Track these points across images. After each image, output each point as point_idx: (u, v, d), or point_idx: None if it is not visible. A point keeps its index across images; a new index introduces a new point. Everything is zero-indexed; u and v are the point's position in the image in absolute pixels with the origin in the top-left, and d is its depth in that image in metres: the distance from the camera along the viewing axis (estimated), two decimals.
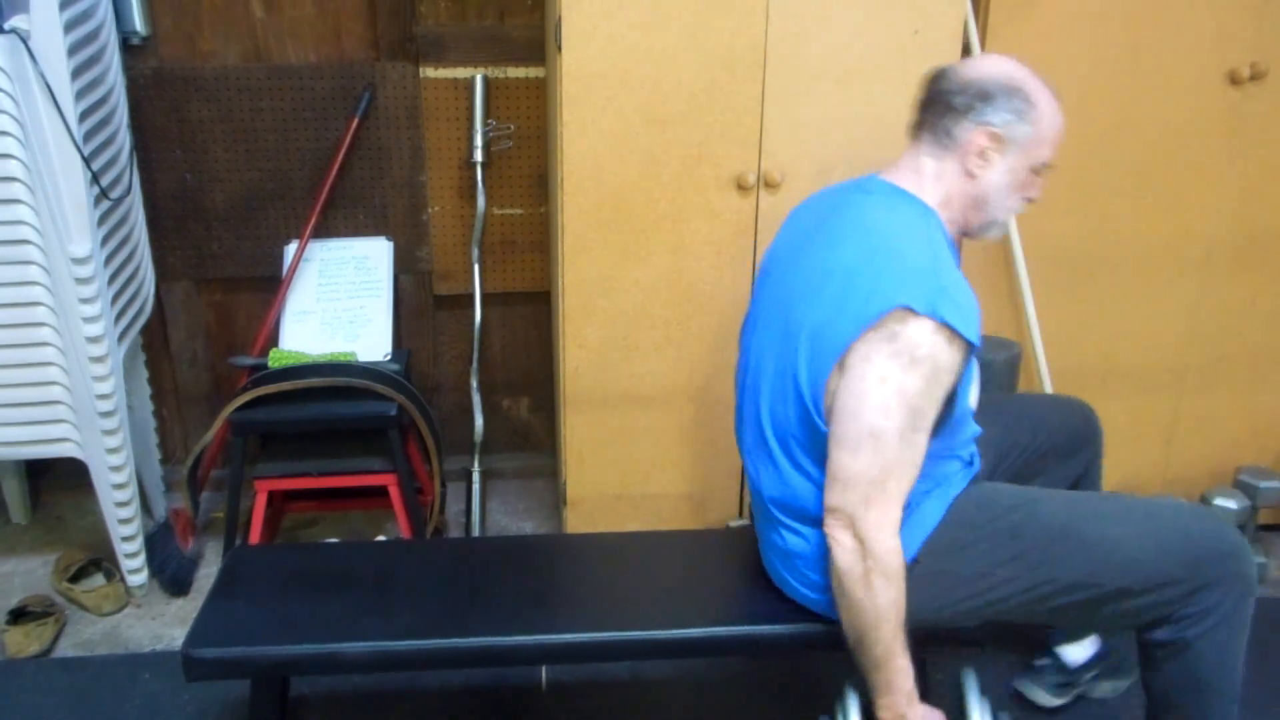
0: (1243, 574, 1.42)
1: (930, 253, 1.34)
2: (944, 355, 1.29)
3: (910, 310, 1.28)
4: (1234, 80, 2.10)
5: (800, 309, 1.39)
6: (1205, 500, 2.19)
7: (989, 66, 1.41)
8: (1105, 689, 1.86)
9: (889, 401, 1.28)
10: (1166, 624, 1.43)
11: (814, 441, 1.39)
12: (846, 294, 1.33)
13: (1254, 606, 1.44)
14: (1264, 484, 2.22)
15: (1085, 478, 1.75)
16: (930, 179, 1.42)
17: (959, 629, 1.52)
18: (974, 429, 1.50)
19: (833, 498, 1.33)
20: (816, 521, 1.40)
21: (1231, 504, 2.16)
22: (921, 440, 1.32)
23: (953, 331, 1.28)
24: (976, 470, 1.53)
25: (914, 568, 1.40)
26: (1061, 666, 1.82)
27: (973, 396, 1.46)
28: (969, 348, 1.33)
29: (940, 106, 1.41)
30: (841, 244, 1.39)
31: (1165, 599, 1.41)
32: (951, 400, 1.36)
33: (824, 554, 1.41)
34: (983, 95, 1.38)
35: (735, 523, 2.08)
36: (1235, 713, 1.48)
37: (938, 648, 1.60)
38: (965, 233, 1.47)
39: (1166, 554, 1.40)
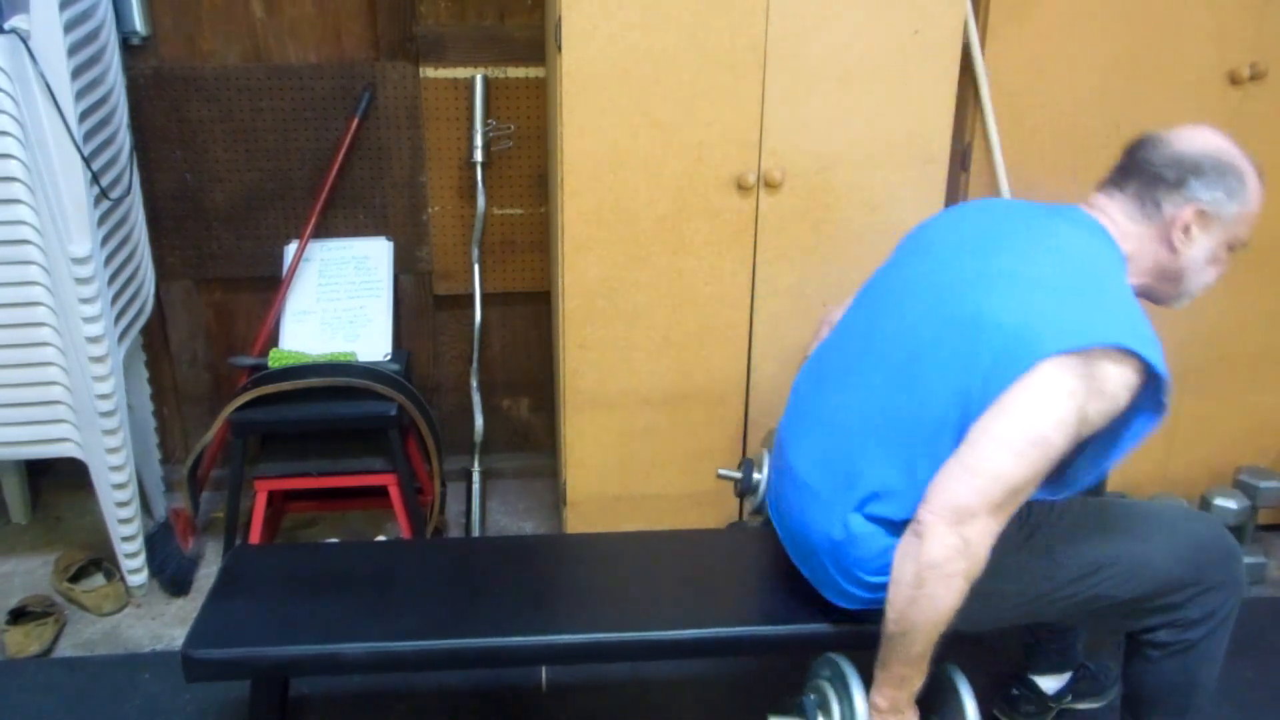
0: (1240, 577, 1.46)
1: (1132, 297, 1.34)
2: (1127, 393, 1.26)
3: (1123, 350, 1.25)
4: (1234, 80, 2.09)
5: (987, 305, 1.32)
6: (1205, 500, 2.20)
7: (1201, 140, 1.39)
8: (1081, 706, 1.86)
9: (1068, 418, 1.24)
10: (1170, 626, 1.44)
11: (942, 439, 1.32)
12: (1054, 311, 1.28)
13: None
14: (1264, 484, 2.22)
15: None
16: (1123, 236, 1.40)
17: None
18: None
19: (958, 492, 1.25)
20: (890, 525, 1.35)
21: (1231, 504, 2.16)
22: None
23: (1154, 377, 1.26)
24: None
25: None
26: (1038, 695, 1.82)
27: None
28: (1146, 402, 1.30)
29: (1147, 176, 1.39)
30: (1050, 257, 1.35)
31: (1173, 602, 1.43)
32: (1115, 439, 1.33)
33: (881, 555, 1.36)
34: (1195, 170, 1.36)
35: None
36: (1208, 703, 1.53)
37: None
38: (1147, 296, 1.45)
39: (1180, 561, 1.42)
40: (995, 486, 1.24)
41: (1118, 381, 1.25)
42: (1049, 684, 1.82)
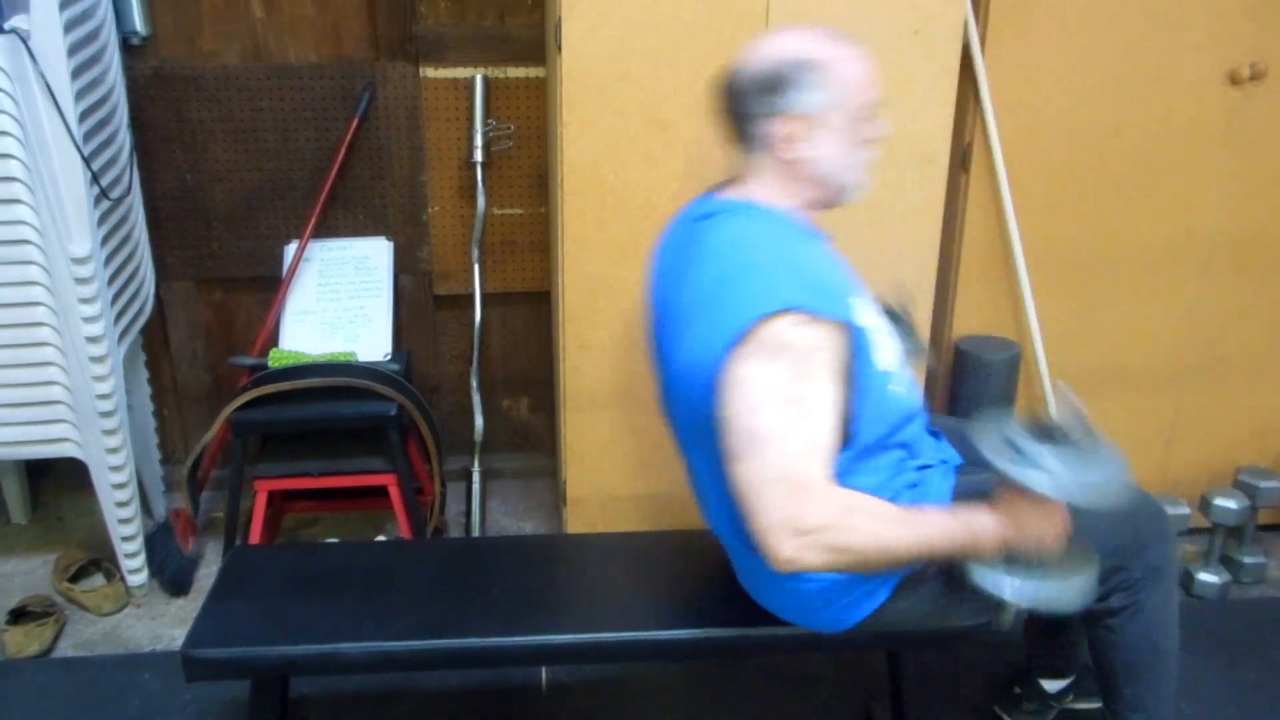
0: (1170, 531, 1.50)
1: (773, 252, 1.31)
2: (807, 337, 1.24)
3: (763, 318, 1.24)
4: (1234, 80, 2.09)
5: (673, 355, 1.38)
6: (1205, 500, 2.19)
7: (763, 54, 1.35)
8: (1083, 706, 1.87)
9: (759, 398, 1.24)
10: (1119, 591, 1.46)
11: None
12: (708, 322, 1.30)
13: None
14: (1264, 484, 2.22)
15: None
16: (760, 181, 1.39)
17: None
18: (907, 409, 1.43)
19: (757, 520, 1.24)
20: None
21: (1231, 504, 2.16)
22: (815, 421, 1.25)
23: (810, 314, 1.24)
24: (955, 466, 1.52)
25: (923, 579, 1.42)
26: (1040, 694, 1.83)
27: (885, 362, 1.39)
28: (842, 325, 1.28)
29: (735, 116, 1.38)
30: (696, 275, 1.35)
31: (1118, 564, 1.45)
32: (857, 379, 1.32)
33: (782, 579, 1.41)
34: (767, 87, 1.33)
35: None
36: (1176, 669, 1.54)
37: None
38: (826, 205, 1.43)
39: (1117, 523, 1.43)
40: (769, 491, 1.23)
41: (784, 332, 1.24)
42: (1052, 685, 1.83)
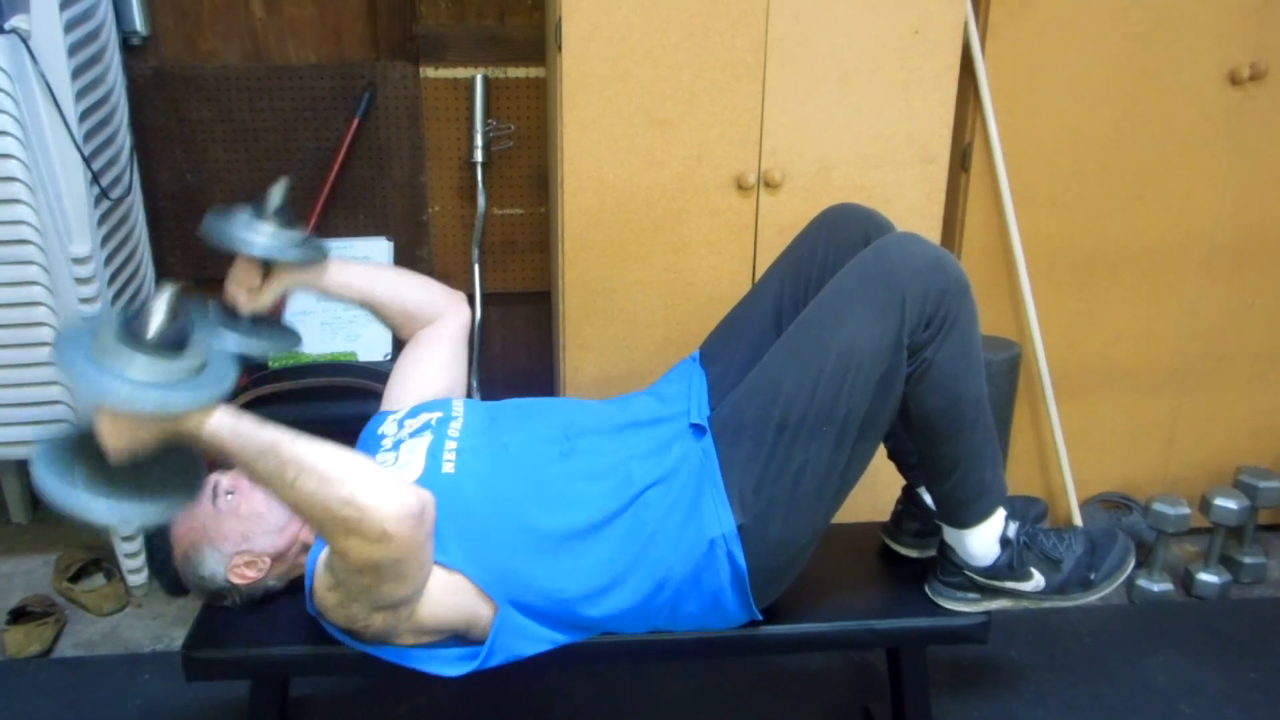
0: (948, 282, 1.37)
1: None
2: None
3: None
4: (1234, 80, 2.10)
5: None
6: (1205, 500, 2.19)
7: None
8: None
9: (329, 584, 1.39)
10: (911, 355, 1.38)
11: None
12: None
13: (973, 300, 1.39)
14: (1264, 484, 2.21)
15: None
16: None
17: (958, 625, 1.52)
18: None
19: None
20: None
21: (1231, 504, 2.16)
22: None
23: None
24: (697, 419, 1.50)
25: (745, 531, 1.39)
26: (921, 508, 1.66)
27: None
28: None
29: None
30: None
31: (902, 340, 1.37)
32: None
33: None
34: None
35: None
36: (986, 401, 1.44)
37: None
38: None
39: (890, 325, 1.36)
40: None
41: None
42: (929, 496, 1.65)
